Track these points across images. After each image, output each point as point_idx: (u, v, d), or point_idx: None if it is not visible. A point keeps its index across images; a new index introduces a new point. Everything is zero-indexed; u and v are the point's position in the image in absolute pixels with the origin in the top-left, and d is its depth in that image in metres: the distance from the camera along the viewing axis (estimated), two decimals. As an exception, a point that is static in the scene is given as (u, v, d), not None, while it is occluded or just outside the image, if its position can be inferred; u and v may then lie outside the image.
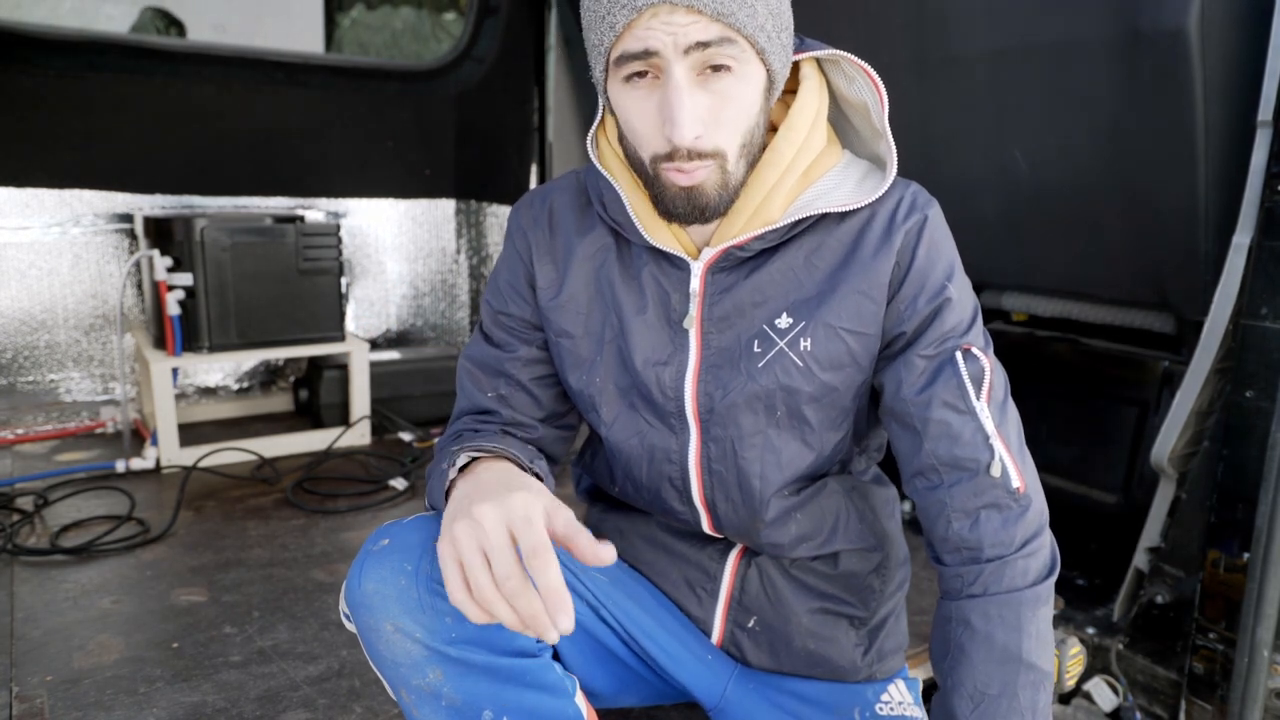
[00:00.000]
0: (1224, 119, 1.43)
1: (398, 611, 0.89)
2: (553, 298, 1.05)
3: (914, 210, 0.97)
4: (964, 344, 0.95)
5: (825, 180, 0.97)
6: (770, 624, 1.11)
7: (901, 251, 0.95)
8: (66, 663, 1.39)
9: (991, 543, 0.93)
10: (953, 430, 0.94)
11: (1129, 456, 1.90)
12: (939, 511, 0.96)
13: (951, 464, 0.94)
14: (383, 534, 0.95)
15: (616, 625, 1.10)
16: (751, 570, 1.10)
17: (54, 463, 2.28)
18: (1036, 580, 0.94)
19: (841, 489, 1.08)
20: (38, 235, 2.49)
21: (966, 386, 0.94)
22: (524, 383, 1.09)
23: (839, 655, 1.11)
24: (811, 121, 0.96)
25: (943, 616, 0.97)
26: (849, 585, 1.10)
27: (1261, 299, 1.32)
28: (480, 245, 3.22)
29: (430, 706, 0.91)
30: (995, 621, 0.92)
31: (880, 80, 0.95)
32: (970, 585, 0.94)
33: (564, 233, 1.06)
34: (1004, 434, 0.94)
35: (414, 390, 2.74)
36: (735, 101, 0.87)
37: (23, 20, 2.50)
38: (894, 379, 0.97)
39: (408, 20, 5.96)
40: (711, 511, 1.06)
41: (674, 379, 1.00)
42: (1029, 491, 0.94)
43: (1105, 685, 1.55)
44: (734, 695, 1.12)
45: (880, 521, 1.11)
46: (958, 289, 0.97)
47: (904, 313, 0.96)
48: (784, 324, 0.97)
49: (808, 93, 0.96)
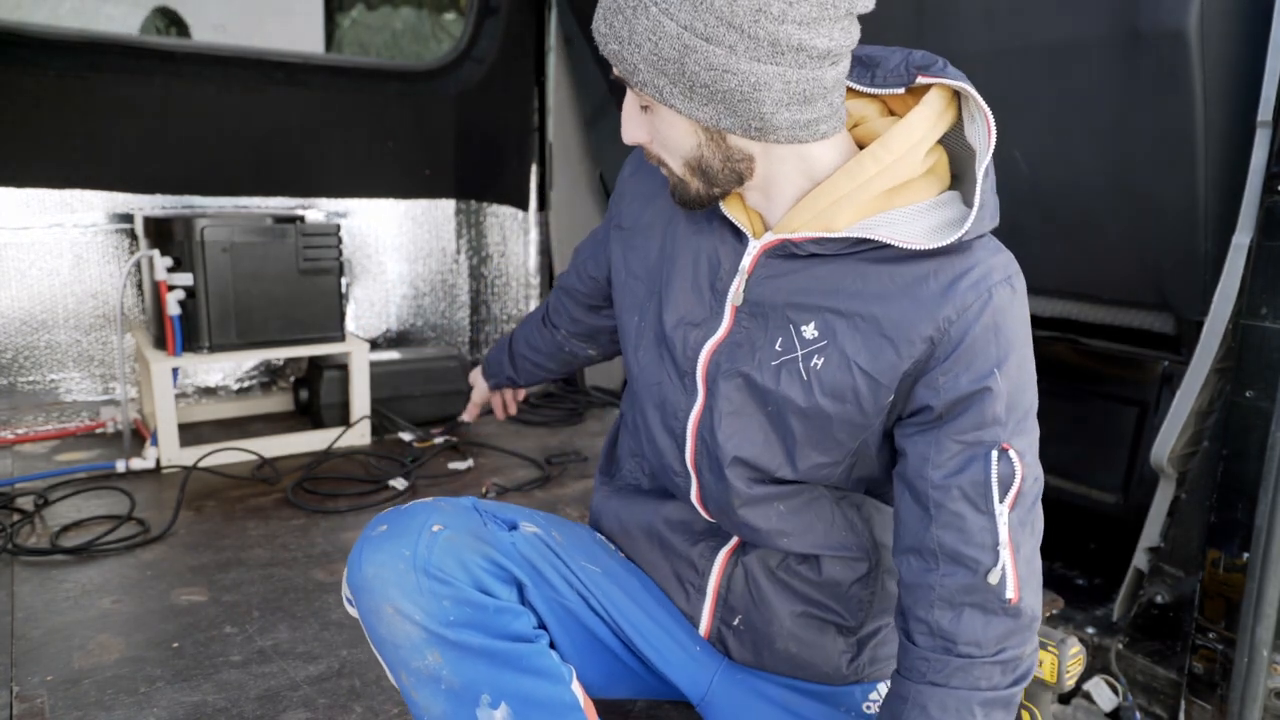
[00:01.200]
0: (1224, 119, 1.43)
1: (397, 594, 0.92)
2: (627, 236, 1.13)
3: (979, 285, 0.91)
4: (1004, 443, 0.92)
5: (905, 210, 0.93)
6: (754, 624, 1.11)
7: (954, 323, 0.90)
8: (67, 662, 1.39)
9: (968, 640, 0.92)
10: (965, 526, 0.92)
11: (1129, 456, 1.91)
12: (924, 595, 0.94)
13: (952, 557, 0.93)
14: (382, 520, 1.00)
15: (606, 616, 1.11)
16: (738, 570, 1.11)
17: (54, 463, 2.28)
18: (999, 686, 0.93)
19: (831, 496, 1.07)
20: (38, 235, 2.49)
21: (992, 488, 0.91)
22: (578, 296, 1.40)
23: (823, 661, 1.11)
24: (911, 146, 0.92)
25: (897, 695, 0.96)
26: (834, 593, 1.10)
27: (1261, 299, 1.32)
28: (480, 245, 3.23)
29: (429, 689, 0.93)
30: (950, 715, 0.92)
31: (994, 125, 0.90)
32: (935, 673, 0.93)
33: (653, 181, 1.13)
34: (1016, 542, 0.92)
35: (414, 390, 2.74)
36: (660, 134, 0.94)
37: (23, 20, 2.50)
38: (920, 454, 0.95)
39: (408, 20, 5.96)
40: (699, 478, 1.07)
41: (697, 341, 1.03)
42: (1021, 604, 0.93)
43: (1105, 685, 1.56)
44: (720, 688, 1.13)
45: (872, 534, 1.10)
46: (1009, 382, 0.92)
47: (940, 386, 0.92)
48: (810, 334, 0.96)
49: (919, 118, 0.92)
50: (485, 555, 0.99)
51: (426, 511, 0.99)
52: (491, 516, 1.08)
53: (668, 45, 0.85)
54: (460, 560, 0.96)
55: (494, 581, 0.98)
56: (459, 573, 0.95)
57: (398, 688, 0.97)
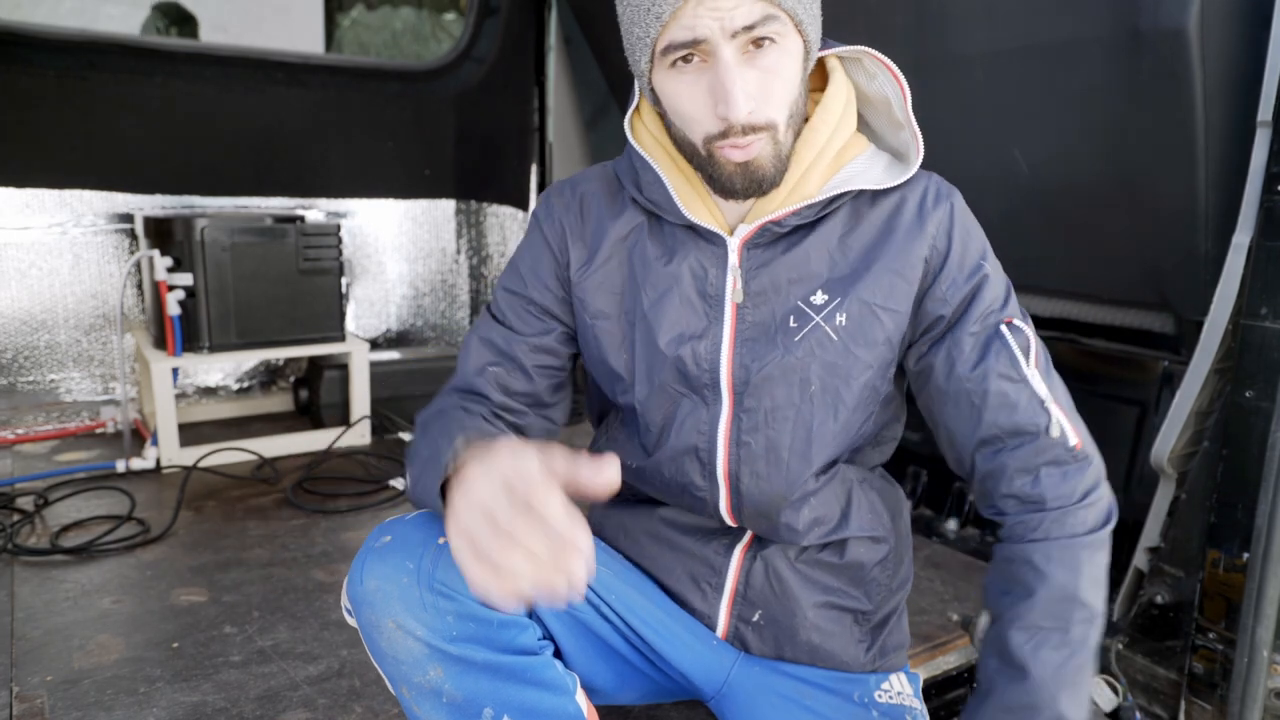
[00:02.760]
0: (1224, 119, 1.43)
1: (399, 609, 0.90)
2: (586, 277, 1.08)
3: (940, 198, 1.02)
4: (1006, 316, 1.00)
5: (856, 164, 1.01)
6: (775, 618, 1.11)
7: (936, 237, 1.00)
8: (67, 662, 1.39)
9: (1054, 495, 0.98)
10: (1010, 399, 0.98)
11: (1129, 456, 1.90)
12: (1000, 473, 1.00)
13: (1013, 431, 0.99)
14: (384, 530, 0.96)
15: (617, 619, 1.10)
16: (757, 564, 1.11)
17: (54, 463, 2.28)
18: (1094, 528, 0.98)
19: (855, 477, 1.10)
20: (38, 235, 2.49)
21: (1017, 356, 0.98)
22: (526, 367, 1.10)
23: (842, 650, 1.12)
24: (844, 106, 1.01)
25: (1003, 558, 1.01)
26: (855, 577, 1.11)
27: (1261, 299, 1.32)
28: (480, 245, 3.23)
29: (430, 703, 0.92)
30: (1056, 563, 0.96)
31: (901, 74, 0.99)
32: (1033, 531, 0.98)
33: (595, 217, 1.09)
34: (1056, 398, 0.99)
35: (414, 390, 2.74)
36: (780, 74, 0.91)
37: (23, 20, 2.50)
38: (945, 360, 1.01)
39: (408, 20, 5.96)
40: (734, 487, 1.06)
41: (709, 352, 1.03)
42: (1085, 448, 0.99)
43: (1105, 685, 1.55)
44: (736, 682, 1.13)
45: (888, 514, 1.13)
46: (992, 266, 1.02)
47: (946, 293, 1.00)
48: (819, 300, 1.00)
49: (837, 83, 1.01)
50: None
51: (431, 523, 0.95)
52: None
53: None
54: None
55: None
56: (463, 586, 0.92)
57: (398, 700, 0.96)
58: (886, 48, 1.05)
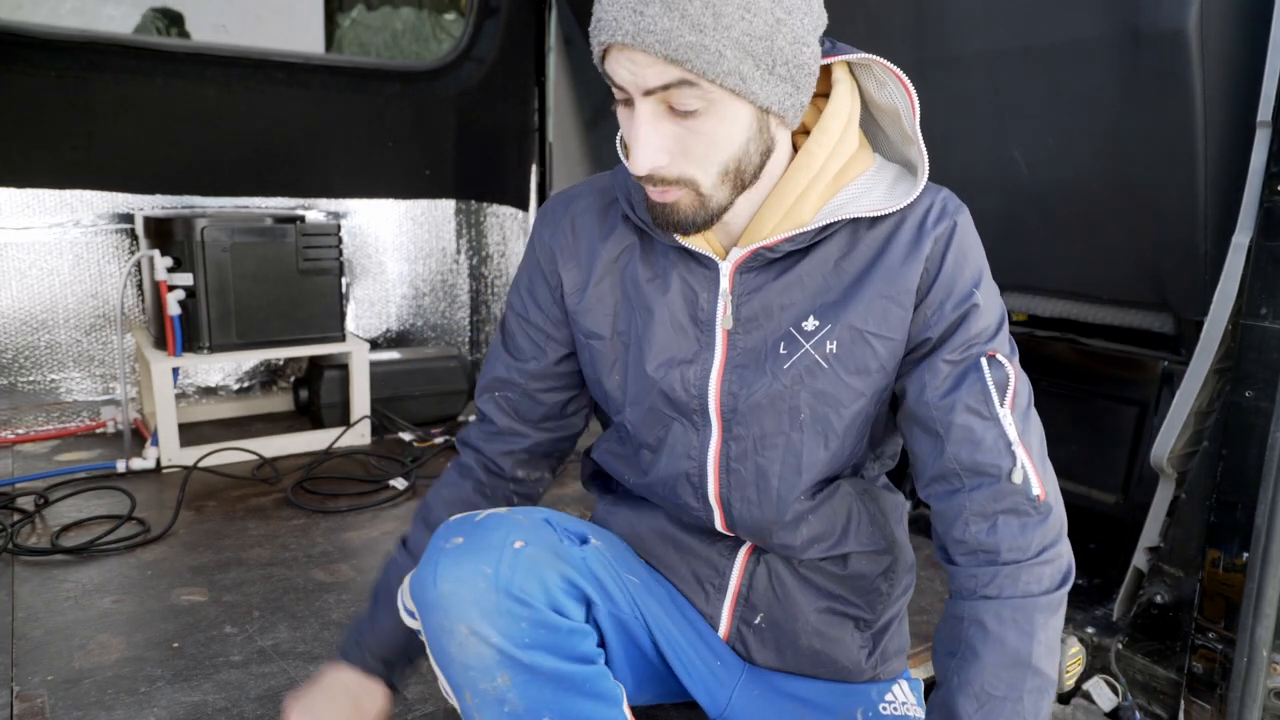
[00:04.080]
0: (1224, 119, 1.43)
1: (475, 615, 0.88)
2: (579, 301, 1.06)
3: (944, 216, 0.96)
4: (990, 350, 0.95)
5: (857, 184, 0.97)
6: (777, 622, 1.11)
7: (930, 258, 0.95)
8: (67, 662, 1.39)
9: (1009, 547, 0.93)
10: (975, 435, 0.94)
11: (1128, 456, 1.90)
12: (956, 515, 0.95)
13: (973, 469, 0.94)
14: (455, 530, 0.94)
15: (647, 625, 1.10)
16: (760, 568, 1.10)
17: (54, 462, 2.28)
18: (1050, 588, 0.93)
19: (854, 491, 1.08)
20: (38, 235, 2.49)
21: (990, 393, 0.94)
22: (532, 392, 1.13)
23: (844, 656, 1.11)
24: (844, 125, 0.96)
25: (953, 615, 0.96)
26: (857, 587, 1.10)
27: (1260, 299, 1.32)
28: (480, 245, 3.23)
29: (493, 711, 0.91)
30: (1008, 624, 0.91)
31: (911, 85, 0.95)
32: (985, 586, 0.93)
33: (586, 237, 1.07)
34: (1026, 442, 0.94)
35: (414, 390, 2.74)
36: (706, 137, 0.86)
37: (23, 20, 2.50)
38: (918, 383, 0.97)
39: (408, 20, 5.95)
40: (726, 510, 1.06)
41: (698, 377, 1.01)
42: (1049, 500, 0.94)
43: (1105, 685, 1.55)
44: (739, 703, 1.12)
45: (890, 525, 1.11)
46: (985, 296, 0.96)
47: (931, 318, 0.96)
48: (810, 326, 0.97)
49: (840, 97, 0.96)
50: (562, 574, 0.95)
51: (507, 526, 0.94)
52: (564, 530, 1.02)
53: (760, 21, 0.82)
54: (541, 580, 0.92)
55: (568, 601, 0.95)
56: (539, 593, 0.91)
57: (456, 707, 0.94)
58: (886, 48, 1.05)
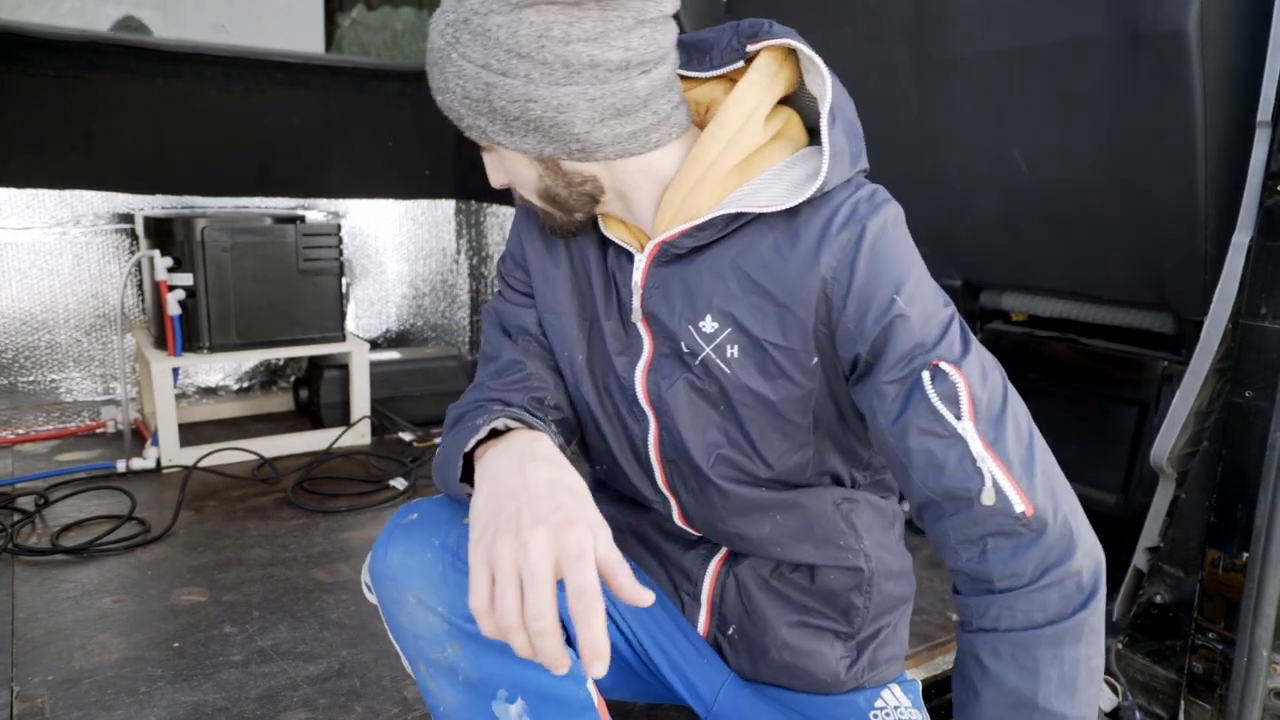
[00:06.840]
0: (1224, 119, 1.43)
1: (421, 584, 0.90)
2: (540, 274, 1.07)
3: (851, 221, 0.88)
4: (932, 360, 0.86)
5: (760, 178, 0.91)
6: (747, 634, 1.10)
7: (837, 269, 0.88)
8: (67, 662, 1.39)
9: (1001, 574, 0.84)
10: (937, 459, 0.85)
11: (1128, 456, 1.90)
12: (944, 543, 0.89)
13: (944, 494, 0.86)
14: (411, 508, 0.96)
15: (622, 622, 1.10)
16: (730, 579, 1.09)
17: (55, 462, 2.28)
18: (1060, 615, 0.83)
19: (830, 500, 1.05)
20: (38, 235, 2.49)
21: (938, 409, 0.85)
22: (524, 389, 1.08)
23: (820, 669, 1.08)
24: (746, 116, 0.90)
25: (961, 649, 0.90)
26: (829, 601, 1.08)
27: (1260, 299, 1.32)
28: (480, 245, 3.23)
29: (447, 680, 0.91)
30: (1006, 662, 0.84)
31: (828, 74, 0.88)
32: (980, 618, 0.86)
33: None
34: (999, 453, 0.84)
35: (414, 390, 2.74)
36: (508, 170, 0.94)
37: (23, 20, 2.50)
38: (870, 410, 0.90)
39: (408, 20, 5.95)
40: (677, 499, 1.06)
41: (626, 369, 1.01)
42: (1041, 514, 0.84)
43: (1105, 685, 1.55)
44: (728, 700, 1.12)
45: (871, 536, 1.07)
46: (911, 303, 0.87)
47: (854, 333, 0.89)
48: (709, 329, 0.94)
49: (747, 87, 0.90)
50: None
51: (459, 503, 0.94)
52: None
53: (473, 86, 0.85)
54: None
55: None
56: None
57: (413, 677, 0.96)
58: (886, 48, 1.04)
